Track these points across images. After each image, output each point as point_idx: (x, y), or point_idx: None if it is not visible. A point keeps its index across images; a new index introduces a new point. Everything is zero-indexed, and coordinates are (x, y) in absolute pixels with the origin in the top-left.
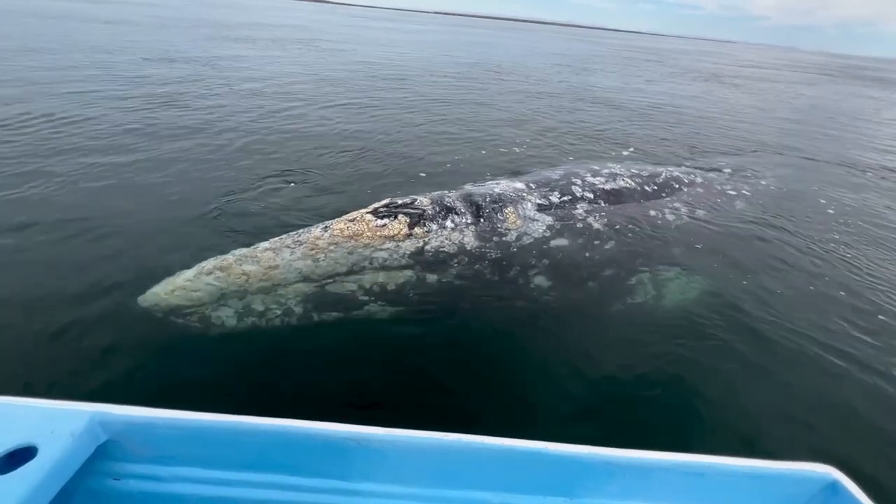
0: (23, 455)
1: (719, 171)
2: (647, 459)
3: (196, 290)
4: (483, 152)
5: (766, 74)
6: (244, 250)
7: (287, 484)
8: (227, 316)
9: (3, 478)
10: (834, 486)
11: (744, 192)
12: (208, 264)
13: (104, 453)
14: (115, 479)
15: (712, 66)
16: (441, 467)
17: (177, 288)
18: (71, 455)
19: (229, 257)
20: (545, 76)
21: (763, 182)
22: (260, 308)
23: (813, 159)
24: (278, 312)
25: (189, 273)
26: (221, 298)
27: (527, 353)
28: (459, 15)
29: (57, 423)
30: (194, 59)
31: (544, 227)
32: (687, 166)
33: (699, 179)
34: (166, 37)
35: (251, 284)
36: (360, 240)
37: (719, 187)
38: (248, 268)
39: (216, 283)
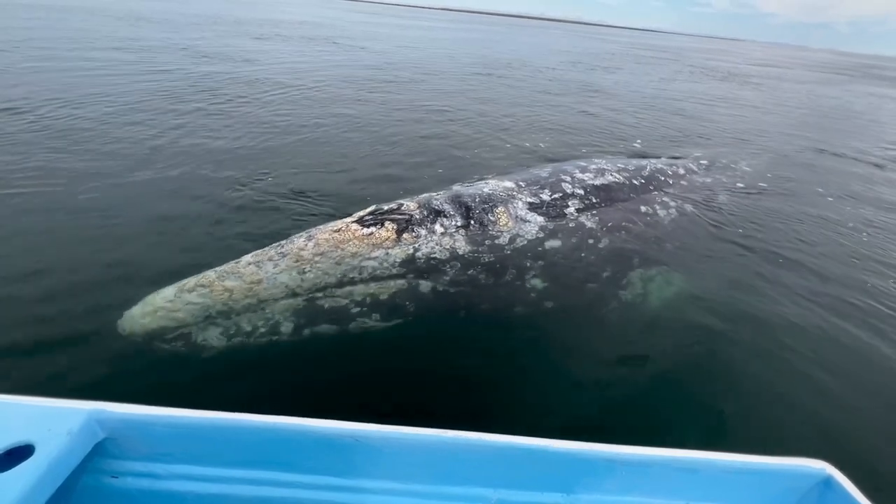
0: (20, 453)
1: (713, 163)
2: (644, 455)
3: (177, 311)
4: (488, 151)
5: (781, 73)
6: (226, 265)
7: (284, 481)
8: (213, 336)
9: (1, 476)
10: (828, 481)
11: (738, 184)
12: (189, 282)
13: (102, 451)
14: (112, 476)
15: (724, 64)
16: (438, 464)
17: (157, 308)
18: (68, 453)
19: (210, 274)
20: (552, 74)
21: (753, 172)
22: (247, 327)
23: (822, 151)
24: (267, 330)
25: (168, 292)
26: (206, 318)
27: (524, 358)
28: (466, 11)
29: (54, 421)
30: (195, 56)
31: (537, 228)
32: (668, 157)
33: (682, 171)
34: (171, 32)
35: (236, 301)
36: (346, 249)
37: (701, 180)
38: (230, 283)
39: (199, 300)
